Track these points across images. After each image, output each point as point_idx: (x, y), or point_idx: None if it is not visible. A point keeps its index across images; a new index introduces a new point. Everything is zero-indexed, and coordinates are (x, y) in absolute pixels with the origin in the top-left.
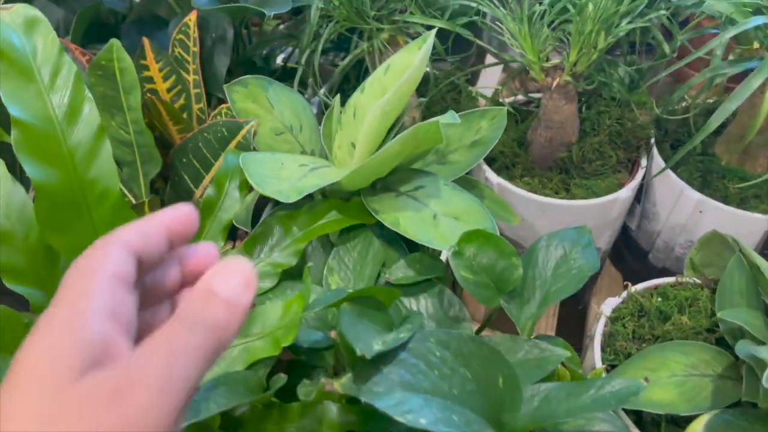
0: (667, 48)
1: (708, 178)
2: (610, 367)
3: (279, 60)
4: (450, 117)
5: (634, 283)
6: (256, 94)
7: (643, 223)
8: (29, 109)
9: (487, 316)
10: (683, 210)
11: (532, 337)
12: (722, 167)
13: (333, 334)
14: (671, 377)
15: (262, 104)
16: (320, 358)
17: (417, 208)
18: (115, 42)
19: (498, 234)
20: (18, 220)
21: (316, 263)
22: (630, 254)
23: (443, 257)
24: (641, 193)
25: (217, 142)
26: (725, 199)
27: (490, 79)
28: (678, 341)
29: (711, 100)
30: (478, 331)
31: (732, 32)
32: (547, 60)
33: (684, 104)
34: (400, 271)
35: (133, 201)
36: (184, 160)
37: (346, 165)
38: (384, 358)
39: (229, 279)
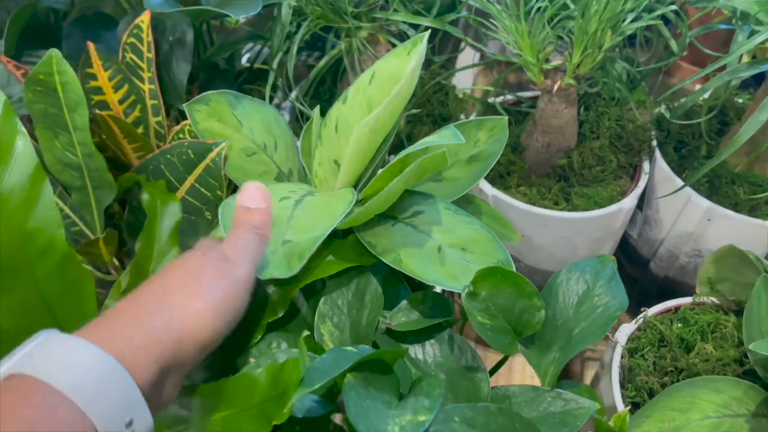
0: (675, 46)
1: (716, 183)
2: (631, 405)
3: (244, 60)
4: (451, 135)
5: (635, 295)
6: (220, 111)
7: (645, 231)
8: None
9: (500, 360)
10: (690, 218)
11: (553, 385)
12: (731, 172)
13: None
14: (704, 419)
15: (228, 122)
16: (317, 428)
17: (419, 241)
18: (54, 53)
19: (513, 267)
20: None
21: (302, 303)
22: (629, 263)
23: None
24: (642, 200)
25: (182, 165)
26: (735, 207)
27: (464, 73)
28: (707, 377)
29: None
30: (491, 372)
31: (763, 36)
32: (547, 61)
33: (679, 103)
34: (403, 314)
35: (86, 231)
36: (161, 180)
37: (330, 184)
38: None
39: (251, 195)
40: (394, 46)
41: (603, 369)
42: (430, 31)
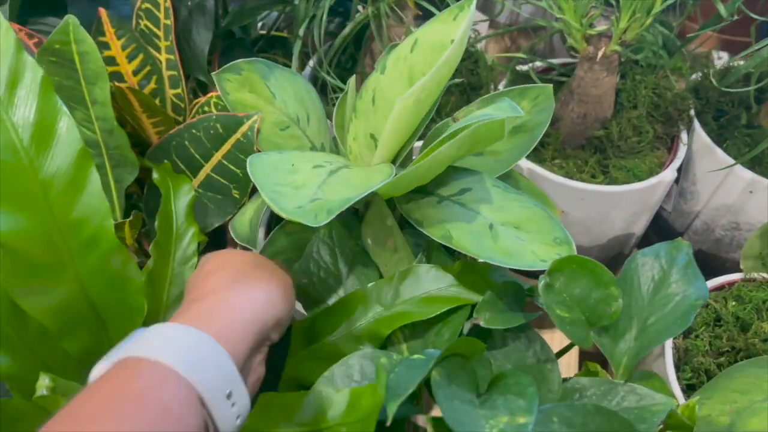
0: (723, 10)
1: (758, 154)
2: (687, 388)
3: (259, 26)
4: (509, 108)
5: None
6: (253, 81)
7: (679, 204)
8: None
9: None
10: (730, 190)
11: (628, 377)
12: None
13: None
14: (766, 401)
15: (261, 94)
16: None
17: (468, 218)
18: (71, 20)
19: (573, 245)
20: None
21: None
22: (660, 237)
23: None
24: (679, 171)
25: (209, 140)
26: None
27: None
28: (767, 357)
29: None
30: (558, 355)
31: None
32: (591, 26)
33: (720, 68)
34: (488, 307)
35: None
36: (166, 161)
37: (365, 160)
38: None
39: None
40: (422, 11)
41: (655, 351)
42: None
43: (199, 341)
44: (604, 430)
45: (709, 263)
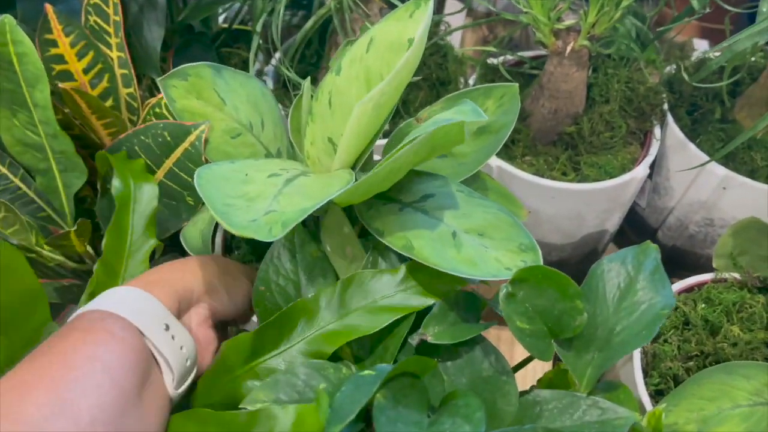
0: (696, 3)
1: (732, 149)
2: (656, 393)
3: (221, 20)
4: (471, 111)
5: None
6: (200, 87)
7: (653, 199)
8: None
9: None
10: (704, 186)
11: (590, 390)
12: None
13: None
14: (735, 408)
15: (209, 100)
16: None
17: (430, 225)
18: (7, 20)
19: (539, 252)
20: None
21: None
22: (635, 232)
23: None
24: (652, 167)
25: (158, 147)
26: (752, 174)
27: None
28: (736, 362)
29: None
30: (515, 370)
31: None
32: (559, 20)
33: (692, 62)
34: (437, 321)
35: (55, 217)
36: (124, 149)
37: (324, 165)
38: None
39: None
40: (387, 3)
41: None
42: None
43: (132, 292)
44: None
45: (684, 259)
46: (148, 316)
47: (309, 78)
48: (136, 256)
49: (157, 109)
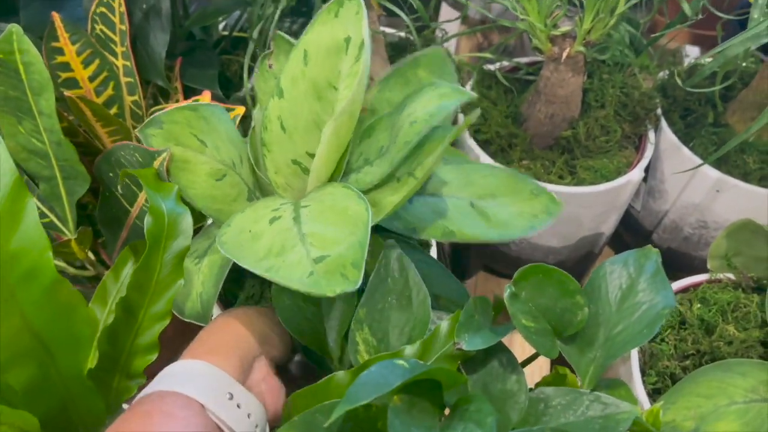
0: (688, 9)
1: (725, 153)
2: (653, 392)
3: (221, 27)
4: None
5: None
6: (176, 133)
7: (648, 202)
8: None
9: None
10: (698, 189)
11: (593, 386)
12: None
13: None
14: (731, 405)
15: (189, 145)
16: None
17: (449, 205)
18: (15, 29)
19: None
20: None
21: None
22: (631, 235)
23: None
24: (647, 170)
25: (141, 166)
26: (745, 177)
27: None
28: (732, 360)
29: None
30: (524, 364)
31: None
32: (555, 27)
33: (685, 67)
34: (466, 328)
35: (57, 223)
36: (111, 174)
37: (296, 188)
38: None
39: None
40: (386, 11)
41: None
42: None
43: (189, 366)
44: None
45: (679, 261)
46: (210, 389)
47: (258, 107)
48: (162, 297)
49: None
